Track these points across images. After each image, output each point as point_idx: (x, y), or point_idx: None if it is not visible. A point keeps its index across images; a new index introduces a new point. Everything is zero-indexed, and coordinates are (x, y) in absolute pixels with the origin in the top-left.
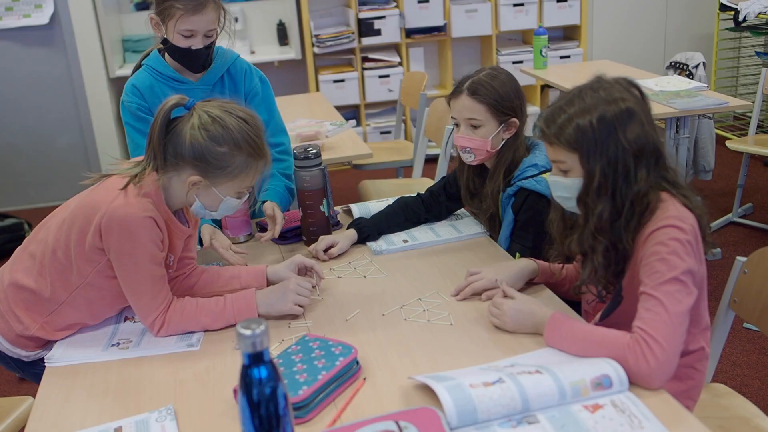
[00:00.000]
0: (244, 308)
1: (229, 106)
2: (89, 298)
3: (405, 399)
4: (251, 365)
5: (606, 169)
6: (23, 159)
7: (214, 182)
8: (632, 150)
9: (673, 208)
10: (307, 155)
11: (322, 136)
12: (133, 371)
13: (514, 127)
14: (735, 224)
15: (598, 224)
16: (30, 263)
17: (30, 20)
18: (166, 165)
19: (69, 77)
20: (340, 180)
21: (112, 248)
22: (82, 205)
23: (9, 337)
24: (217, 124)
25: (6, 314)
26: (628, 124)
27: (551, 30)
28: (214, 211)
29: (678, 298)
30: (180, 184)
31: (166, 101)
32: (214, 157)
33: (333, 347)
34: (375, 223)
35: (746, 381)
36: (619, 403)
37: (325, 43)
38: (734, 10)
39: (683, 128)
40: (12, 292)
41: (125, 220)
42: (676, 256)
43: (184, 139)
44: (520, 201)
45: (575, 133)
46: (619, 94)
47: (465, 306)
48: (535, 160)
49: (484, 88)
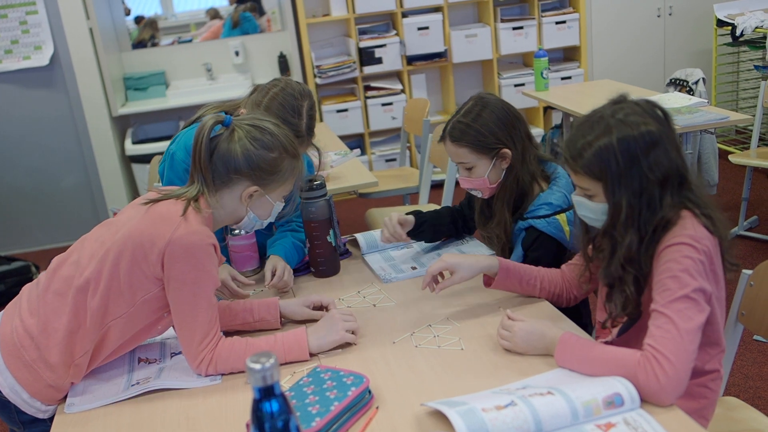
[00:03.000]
0: (295, 346)
1: (259, 115)
2: (123, 331)
3: (419, 426)
4: (262, 399)
5: (632, 200)
6: (28, 201)
7: (268, 189)
8: (657, 180)
9: (691, 226)
10: (312, 186)
11: (327, 166)
12: (145, 409)
13: (508, 157)
14: (741, 237)
15: (627, 255)
16: (59, 302)
17: (30, 62)
18: (215, 185)
19: (71, 117)
20: (346, 209)
21: (175, 277)
22: (134, 234)
23: (33, 388)
24: (263, 132)
25: (34, 363)
26: (651, 151)
27: (551, 51)
28: (266, 219)
29: (689, 316)
30: (231, 201)
31: (204, 122)
32: (268, 163)
33: (344, 377)
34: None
35: (759, 393)
36: (632, 420)
37: (327, 74)
38: (731, 26)
39: (685, 144)
40: (44, 338)
41: (192, 247)
42: (688, 274)
43: (235, 153)
44: (530, 239)
45: (597, 162)
46: (641, 118)
47: (475, 331)
48: (551, 198)
49: (462, 132)
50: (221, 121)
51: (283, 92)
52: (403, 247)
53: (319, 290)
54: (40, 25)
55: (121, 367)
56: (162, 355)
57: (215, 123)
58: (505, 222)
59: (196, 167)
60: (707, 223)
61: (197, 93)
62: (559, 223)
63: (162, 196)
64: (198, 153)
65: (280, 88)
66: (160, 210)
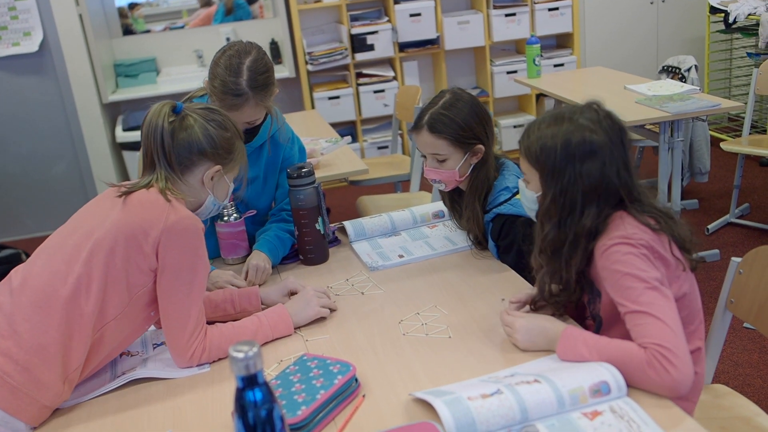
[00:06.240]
0: (279, 321)
1: (203, 103)
2: (116, 333)
3: (405, 414)
4: (245, 388)
5: (557, 196)
6: (18, 188)
7: (227, 169)
8: (582, 188)
9: (622, 226)
10: (300, 174)
11: (317, 153)
12: (131, 399)
13: (480, 153)
14: (733, 225)
15: (542, 245)
16: (41, 316)
17: (19, 48)
18: (180, 169)
19: (62, 104)
20: (338, 197)
21: (171, 265)
22: (122, 227)
23: (27, 414)
24: (215, 112)
25: (23, 387)
26: (587, 160)
27: (544, 39)
28: (223, 200)
29: (661, 305)
30: (195, 185)
31: (157, 109)
32: (226, 141)
33: (331, 366)
34: None
35: (748, 380)
36: (618, 409)
37: (318, 60)
38: (724, 13)
39: (677, 131)
40: (32, 357)
41: (187, 232)
42: (638, 269)
43: (196, 135)
44: (497, 227)
45: (539, 151)
46: (593, 126)
47: (463, 319)
48: (506, 183)
49: (443, 123)
50: (174, 107)
51: (223, 53)
52: (390, 235)
53: (308, 278)
54: (29, 11)
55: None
56: (144, 347)
57: (169, 109)
58: (477, 216)
59: (158, 154)
60: (648, 221)
61: (188, 80)
62: (519, 201)
63: (130, 188)
64: (160, 139)
65: (223, 51)
66: (141, 199)
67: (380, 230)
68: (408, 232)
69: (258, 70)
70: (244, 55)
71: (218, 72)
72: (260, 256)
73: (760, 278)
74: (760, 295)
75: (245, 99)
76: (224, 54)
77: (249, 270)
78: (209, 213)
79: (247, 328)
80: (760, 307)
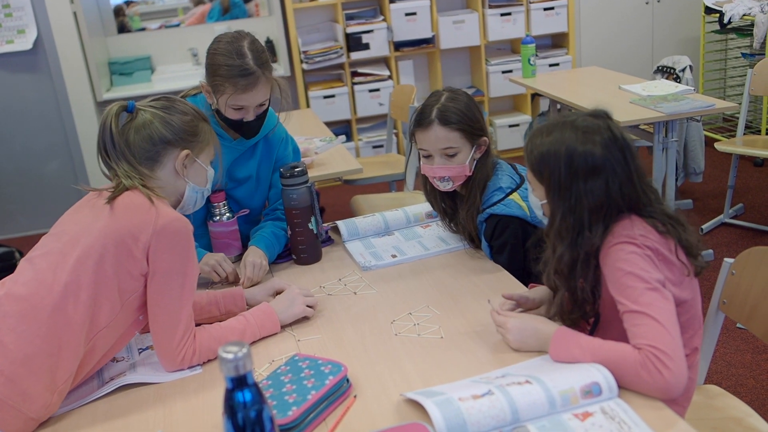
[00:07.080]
0: (266, 319)
1: (158, 95)
2: (107, 340)
3: (396, 415)
4: (235, 389)
5: (567, 215)
6: (12, 186)
7: (196, 151)
8: (588, 206)
9: (630, 226)
10: (293, 173)
11: (312, 152)
12: (120, 405)
13: (484, 146)
14: (727, 225)
15: (557, 266)
16: (26, 326)
17: (13, 46)
18: (148, 165)
19: (56, 102)
20: (332, 196)
21: (162, 269)
22: (111, 233)
23: (13, 427)
24: (170, 100)
25: (8, 400)
26: (590, 178)
27: (539, 38)
28: (204, 185)
29: (660, 306)
30: (169, 177)
31: (108, 111)
32: (188, 124)
33: (322, 366)
34: None
35: (741, 381)
36: (609, 410)
37: (313, 59)
38: (719, 13)
39: (672, 132)
40: (17, 368)
41: (178, 234)
42: (640, 269)
43: (155, 127)
44: (491, 228)
45: (541, 165)
46: (599, 138)
47: (455, 319)
48: (500, 183)
49: (455, 115)
50: (125, 107)
51: (218, 44)
52: (384, 235)
53: (300, 277)
54: (23, 9)
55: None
56: (128, 352)
57: (120, 110)
58: (477, 209)
59: (119, 154)
60: (655, 224)
61: (183, 78)
62: (514, 201)
63: (113, 192)
64: (110, 138)
65: (215, 42)
66: (126, 203)
67: (373, 230)
68: (401, 231)
69: (258, 49)
70: (241, 39)
71: (220, 61)
72: (257, 252)
73: (753, 279)
74: (753, 296)
75: (256, 77)
76: (219, 44)
77: (246, 266)
78: (195, 203)
79: (235, 328)
80: (753, 308)
